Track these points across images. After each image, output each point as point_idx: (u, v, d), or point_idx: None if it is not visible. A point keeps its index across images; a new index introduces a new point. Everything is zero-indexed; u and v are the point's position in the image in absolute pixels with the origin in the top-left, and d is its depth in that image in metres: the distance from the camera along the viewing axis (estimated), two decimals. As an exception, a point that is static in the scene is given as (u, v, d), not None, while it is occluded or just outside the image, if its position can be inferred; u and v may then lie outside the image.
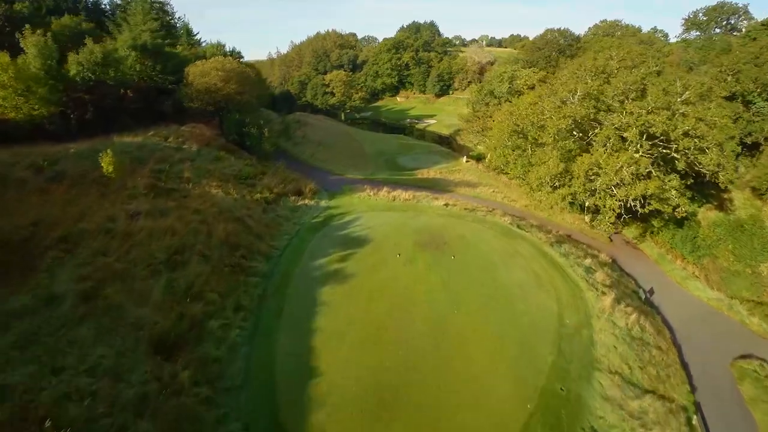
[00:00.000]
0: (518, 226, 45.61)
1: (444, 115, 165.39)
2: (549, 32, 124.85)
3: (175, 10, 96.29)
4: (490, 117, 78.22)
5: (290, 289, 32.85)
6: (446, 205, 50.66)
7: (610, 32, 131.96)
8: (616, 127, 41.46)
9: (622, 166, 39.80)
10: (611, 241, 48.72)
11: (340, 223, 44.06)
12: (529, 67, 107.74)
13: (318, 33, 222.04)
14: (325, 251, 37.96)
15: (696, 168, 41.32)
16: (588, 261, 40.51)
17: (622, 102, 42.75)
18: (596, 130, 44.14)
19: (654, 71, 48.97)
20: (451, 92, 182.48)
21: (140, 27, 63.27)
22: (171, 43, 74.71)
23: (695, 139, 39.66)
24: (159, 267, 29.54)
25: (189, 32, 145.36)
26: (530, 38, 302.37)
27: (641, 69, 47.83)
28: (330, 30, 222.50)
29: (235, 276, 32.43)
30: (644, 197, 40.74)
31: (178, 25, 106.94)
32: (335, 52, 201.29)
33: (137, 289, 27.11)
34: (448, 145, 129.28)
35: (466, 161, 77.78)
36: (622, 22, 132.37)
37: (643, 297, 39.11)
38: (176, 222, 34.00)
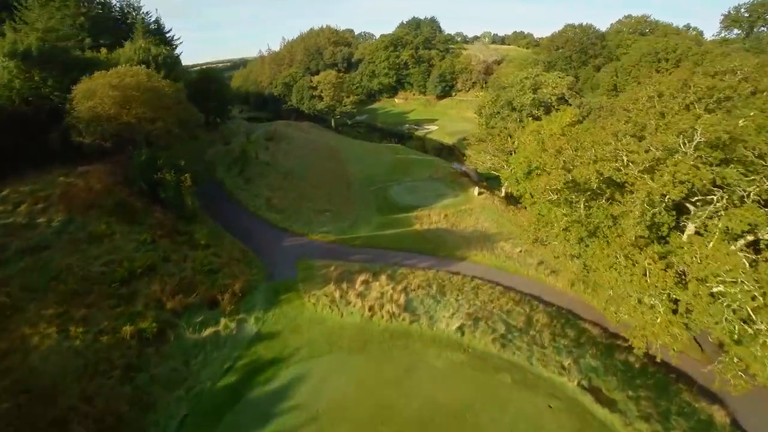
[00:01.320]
0: (598, 401, 23.67)
1: (446, 119, 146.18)
2: (569, 29, 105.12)
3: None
4: (510, 137, 59.36)
5: None
6: (461, 331, 28.09)
7: (637, 29, 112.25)
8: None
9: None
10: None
11: (262, 396, 22.83)
12: (549, 70, 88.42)
13: (311, 29, 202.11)
14: None
15: None
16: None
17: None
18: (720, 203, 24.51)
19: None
20: (453, 93, 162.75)
21: (38, 19, 44.87)
22: (97, 43, 56.03)
23: None
24: None
25: (154, 29, 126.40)
26: (535, 35, 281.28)
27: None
28: (324, 26, 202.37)
29: None
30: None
31: (127, 18, 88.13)
32: (329, 49, 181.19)
33: None
34: (451, 153, 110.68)
35: (479, 193, 59.06)
36: (651, 18, 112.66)
37: None
38: None
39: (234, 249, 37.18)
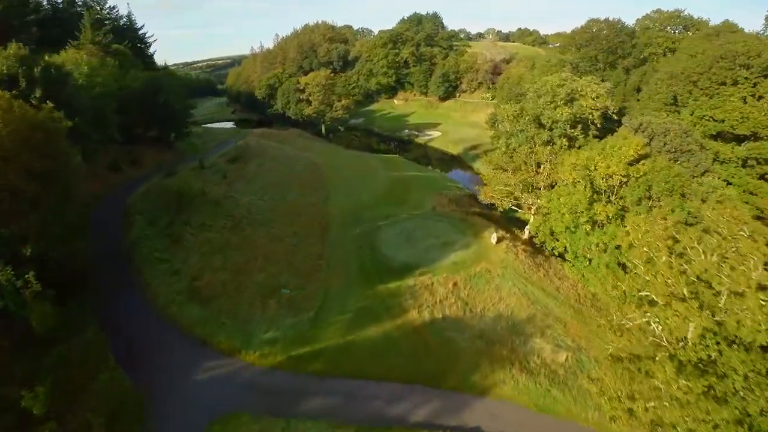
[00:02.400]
0: None
1: (450, 123, 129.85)
2: (593, 23, 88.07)
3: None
4: (539, 166, 43.38)
5: None
6: None
7: (667, 25, 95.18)
8: None
9: None
10: None
11: None
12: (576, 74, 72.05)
13: (306, 25, 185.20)
14: None
15: None
16: None
17: None
18: None
19: None
20: (457, 95, 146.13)
21: None
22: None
23: None
24: None
25: (122, 26, 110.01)
26: (540, 32, 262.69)
27: None
28: (320, 21, 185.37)
29: None
30: None
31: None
32: (323, 47, 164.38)
33: None
34: (454, 161, 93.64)
35: (497, 241, 43.03)
36: (685, 13, 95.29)
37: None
38: None
39: (99, 411, 21.10)
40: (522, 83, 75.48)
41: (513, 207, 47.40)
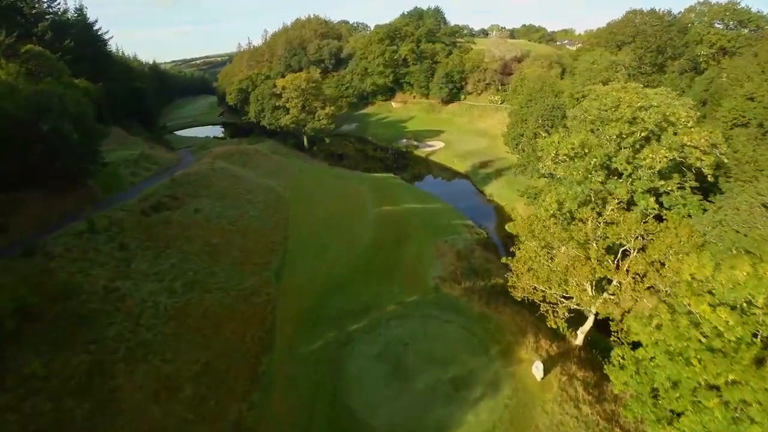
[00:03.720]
0: None
1: (454, 131, 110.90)
2: (635, 14, 68.59)
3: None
4: (621, 255, 24.94)
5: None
6: None
7: (717, 20, 75.94)
8: None
9: None
10: None
11: None
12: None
13: (297, 19, 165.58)
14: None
15: None
16: None
17: None
18: None
19: None
20: (462, 97, 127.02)
21: None
22: None
23: None
24: None
25: (71, 20, 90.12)
26: (547, 30, 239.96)
27: None
28: (311, 15, 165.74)
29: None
30: None
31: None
32: (313, 43, 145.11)
33: None
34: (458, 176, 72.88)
35: (544, 374, 24.95)
36: (740, 5, 75.83)
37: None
38: None
39: None
40: (551, 89, 56.85)
41: (561, 299, 28.94)
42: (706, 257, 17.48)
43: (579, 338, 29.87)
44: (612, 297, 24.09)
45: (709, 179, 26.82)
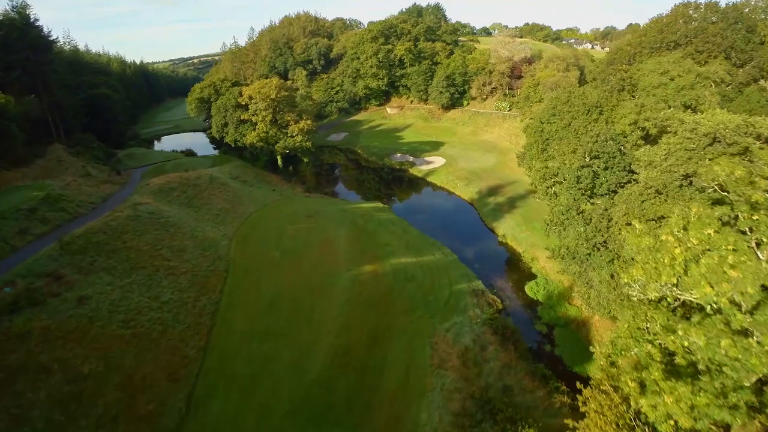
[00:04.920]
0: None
1: (457, 143, 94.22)
2: (691, 6, 52.26)
3: None
4: None
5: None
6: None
7: None
8: None
9: None
10: None
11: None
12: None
13: (286, 16, 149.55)
14: None
15: None
16: None
17: None
18: None
19: None
20: (465, 103, 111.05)
21: None
22: None
23: None
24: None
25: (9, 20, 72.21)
26: (553, 29, 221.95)
27: None
28: (301, 12, 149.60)
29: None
30: None
31: None
32: (301, 42, 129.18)
33: None
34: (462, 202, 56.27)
35: None
36: None
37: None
38: None
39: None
40: (581, 102, 41.32)
41: None
42: None
43: None
44: None
45: None
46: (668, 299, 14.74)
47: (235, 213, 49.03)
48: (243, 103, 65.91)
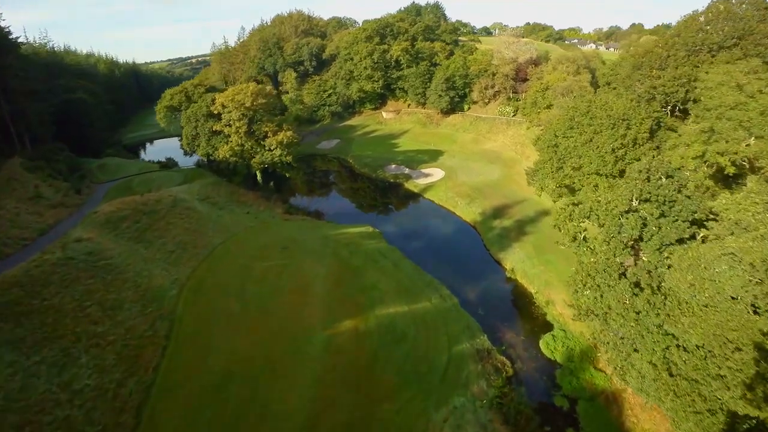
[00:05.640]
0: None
1: (457, 152, 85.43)
2: (737, 1, 43.85)
3: None
4: None
5: None
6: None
7: None
8: None
9: None
10: None
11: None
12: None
13: (278, 15, 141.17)
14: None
15: None
16: None
17: None
18: None
19: None
20: (466, 107, 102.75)
21: None
22: None
23: None
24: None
25: None
26: (555, 28, 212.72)
27: None
28: (293, 11, 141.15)
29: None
30: None
31: None
32: (291, 42, 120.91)
33: None
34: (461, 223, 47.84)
35: None
36: None
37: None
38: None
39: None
40: (605, 113, 33.55)
41: None
42: None
43: None
44: None
45: None
46: None
47: (195, 248, 41.07)
48: (215, 112, 57.83)
